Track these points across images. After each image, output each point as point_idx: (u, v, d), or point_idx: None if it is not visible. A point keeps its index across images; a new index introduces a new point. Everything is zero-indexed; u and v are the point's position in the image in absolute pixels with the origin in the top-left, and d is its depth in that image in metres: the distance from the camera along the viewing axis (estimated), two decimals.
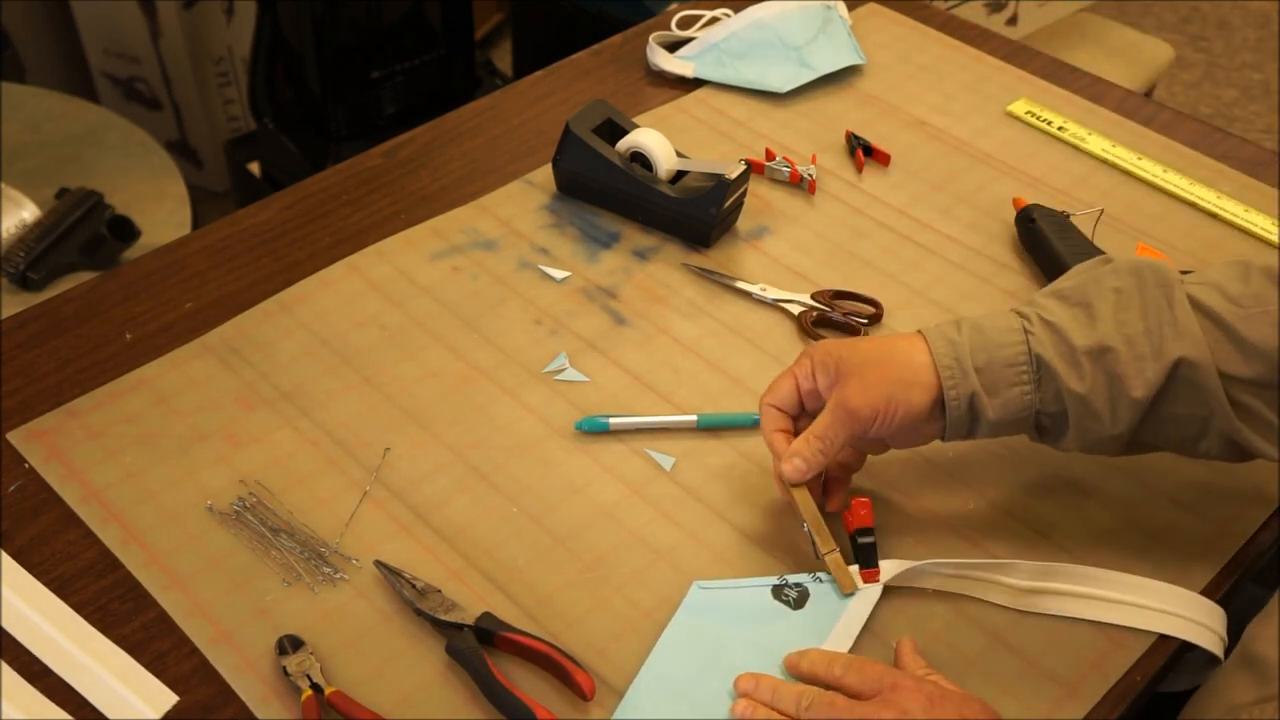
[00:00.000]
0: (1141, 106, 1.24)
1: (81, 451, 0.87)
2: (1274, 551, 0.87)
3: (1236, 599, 0.83)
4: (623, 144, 1.08)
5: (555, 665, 0.74)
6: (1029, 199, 1.09)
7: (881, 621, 0.79)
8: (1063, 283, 0.80)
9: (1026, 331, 0.77)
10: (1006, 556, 0.82)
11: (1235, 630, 0.77)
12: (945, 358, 0.76)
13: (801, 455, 0.78)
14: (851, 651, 0.76)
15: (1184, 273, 0.80)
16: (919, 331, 0.79)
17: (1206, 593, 0.81)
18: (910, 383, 0.76)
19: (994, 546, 0.83)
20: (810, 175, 1.12)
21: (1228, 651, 0.77)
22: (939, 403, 0.77)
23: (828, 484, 0.84)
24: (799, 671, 0.74)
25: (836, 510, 0.83)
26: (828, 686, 0.73)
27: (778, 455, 0.80)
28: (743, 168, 1.04)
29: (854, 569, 0.80)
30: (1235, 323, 0.74)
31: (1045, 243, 1.03)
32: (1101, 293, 0.77)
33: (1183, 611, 0.79)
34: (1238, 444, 0.76)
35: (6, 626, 0.77)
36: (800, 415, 0.82)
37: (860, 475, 0.87)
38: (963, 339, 0.77)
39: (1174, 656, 0.78)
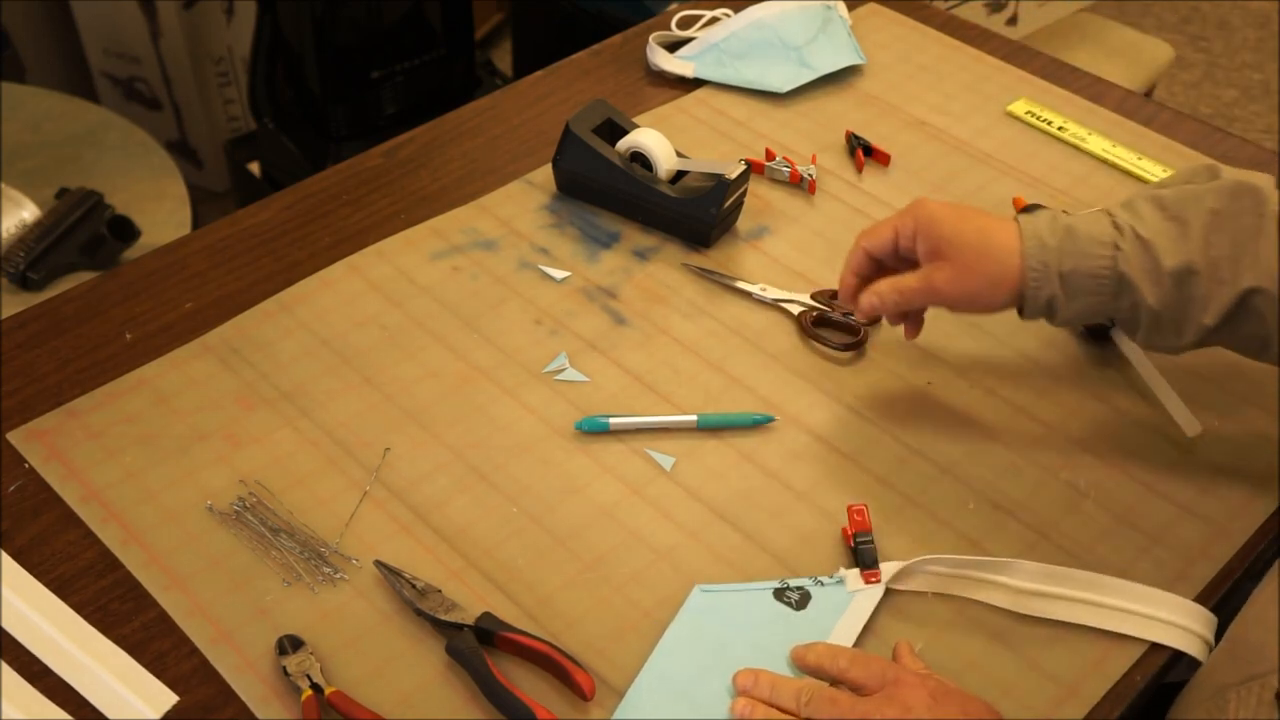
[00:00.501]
0: (1141, 106, 1.24)
1: (81, 451, 0.87)
2: (1273, 552, 0.87)
3: (1235, 598, 0.83)
4: (623, 144, 1.08)
5: (555, 665, 0.74)
6: (1029, 199, 1.09)
7: (882, 622, 0.79)
8: (1166, 188, 0.83)
9: (1117, 247, 0.80)
10: (1006, 556, 0.82)
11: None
12: (1034, 259, 0.81)
13: (881, 295, 0.85)
14: None
15: None
16: (1016, 223, 0.82)
17: (1205, 593, 0.82)
18: (999, 282, 0.81)
19: (994, 546, 0.83)
20: (810, 175, 1.12)
21: (1219, 638, 0.78)
22: (1019, 293, 0.81)
23: (909, 320, 0.90)
24: (805, 664, 0.75)
25: (914, 338, 0.91)
26: (833, 680, 0.73)
27: (845, 292, 0.88)
28: (743, 168, 1.04)
29: (855, 571, 0.80)
30: None
31: None
32: (1199, 212, 0.80)
33: (1177, 619, 0.79)
34: None
35: (6, 626, 0.77)
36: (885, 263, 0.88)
37: (859, 474, 0.87)
38: (1054, 242, 0.81)
39: (1174, 657, 0.78)
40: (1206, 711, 0.68)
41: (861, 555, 0.81)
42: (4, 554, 0.80)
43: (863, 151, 1.15)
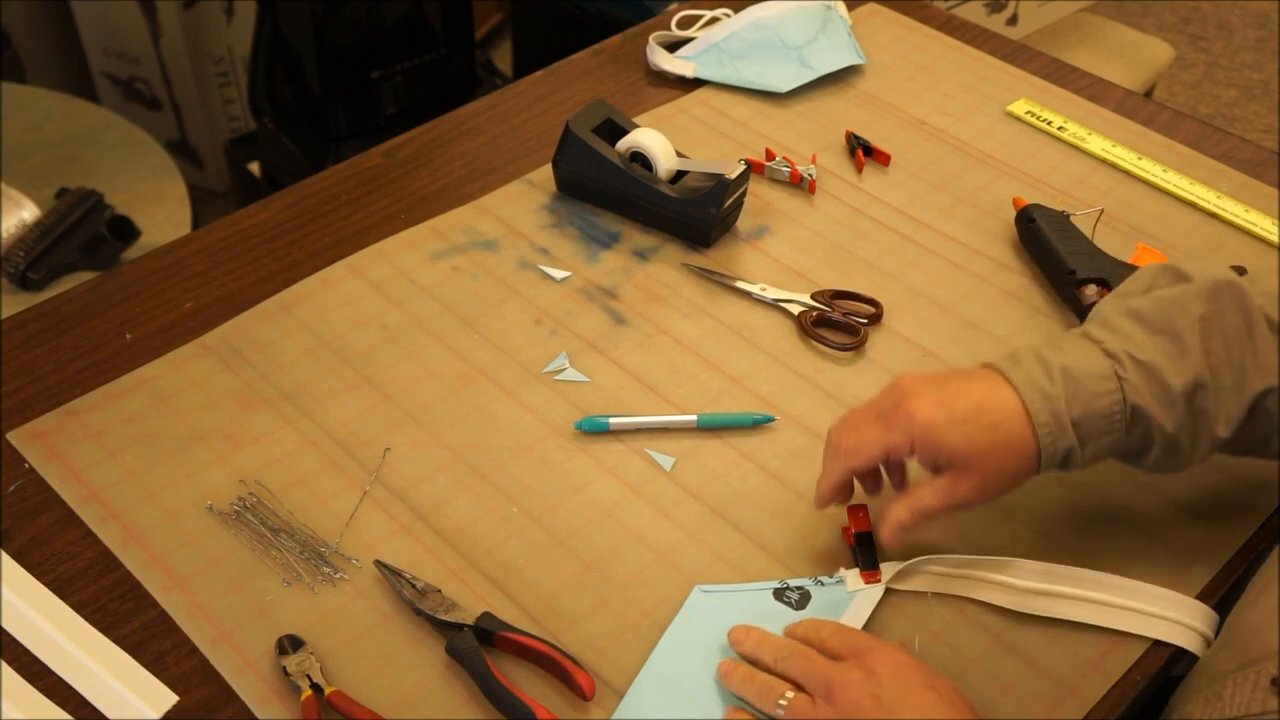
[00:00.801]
0: (1141, 106, 1.24)
1: (81, 451, 0.87)
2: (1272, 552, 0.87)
3: (1234, 597, 0.83)
4: (623, 144, 1.08)
5: (555, 665, 0.74)
6: (1029, 199, 1.09)
7: (882, 621, 0.79)
8: (1136, 299, 0.78)
9: (1120, 378, 0.75)
10: (1006, 556, 0.82)
11: None
12: (1042, 414, 0.74)
13: (904, 527, 0.77)
14: None
15: (1237, 269, 0.80)
16: (1013, 386, 0.75)
17: (1205, 593, 0.81)
18: (1021, 466, 0.75)
19: (994, 546, 0.83)
20: (810, 175, 1.12)
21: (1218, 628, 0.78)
22: (1037, 457, 0.76)
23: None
24: (793, 636, 0.76)
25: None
26: (817, 649, 0.74)
27: (822, 497, 0.80)
28: (743, 168, 1.04)
29: (854, 571, 0.80)
30: None
31: (1045, 242, 1.03)
32: (1188, 320, 0.76)
33: (1177, 616, 0.79)
34: None
35: (6, 626, 0.77)
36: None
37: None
38: (1057, 390, 0.75)
39: (1174, 656, 0.78)
40: (1204, 700, 0.68)
41: (861, 555, 0.81)
42: (4, 554, 0.80)
43: (863, 151, 1.15)
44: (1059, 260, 1.01)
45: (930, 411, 0.75)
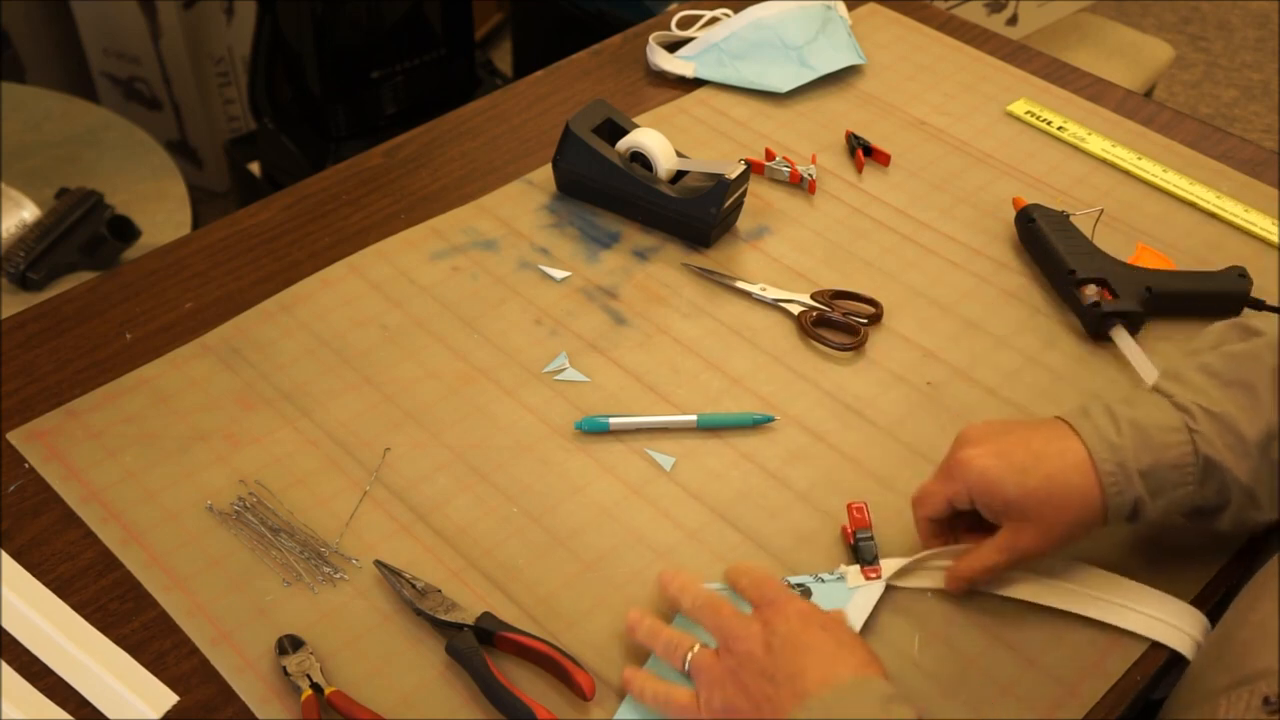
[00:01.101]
0: (1141, 106, 1.24)
1: (81, 451, 0.87)
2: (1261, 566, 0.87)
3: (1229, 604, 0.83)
4: (623, 144, 1.08)
5: (555, 665, 0.74)
6: (1029, 199, 1.09)
7: (882, 620, 0.79)
8: (1206, 355, 0.79)
9: (1191, 430, 0.75)
10: None
11: None
12: (1108, 463, 0.74)
13: (974, 584, 0.78)
14: None
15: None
16: (1076, 432, 0.75)
17: (1202, 596, 0.81)
18: (1086, 516, 0.75)
19: None
20: (810, 175, 1.12)
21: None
22: (1105, 506, 0.75)
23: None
24: (725, 579, 0.77)
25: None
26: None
27: (923, 544, 0.81)
28: (743, 168, 1.04)
29: (855, 568, 0.80)
30: None
31: (1045, 242, 1.03)
32: (1261, 373, 0.76)
33: (1169, 619, 0.79)
34: None
35: (6, 626, 0.77)
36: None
37: (859, 474, 0.87)
38: (1124, 441, 0.74)
39: (1173, 658, 0.78)
40: (1199, 713, 0.68)
41: (861, 552, 0.81)
42: (4, 554, 0.80)
43: (863, 151, 1.15)
44: (1059, 260, 1.01)
45: (986, 461, 0.75)
